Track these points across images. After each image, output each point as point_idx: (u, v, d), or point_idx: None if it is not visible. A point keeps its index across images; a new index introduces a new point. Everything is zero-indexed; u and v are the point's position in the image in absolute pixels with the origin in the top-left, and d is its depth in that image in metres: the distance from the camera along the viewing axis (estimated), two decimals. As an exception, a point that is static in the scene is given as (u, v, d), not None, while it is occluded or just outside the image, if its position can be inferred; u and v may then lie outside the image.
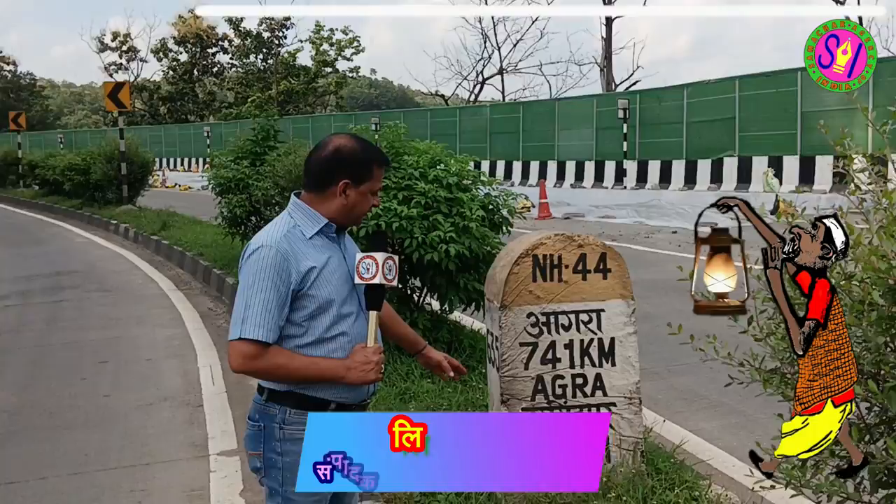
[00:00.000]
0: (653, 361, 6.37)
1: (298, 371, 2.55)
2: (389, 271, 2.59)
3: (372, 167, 2.66)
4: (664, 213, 19.81)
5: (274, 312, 2.51)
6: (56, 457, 5.41)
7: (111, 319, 9.66)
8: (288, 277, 2.52)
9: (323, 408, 2.59)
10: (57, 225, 21.40)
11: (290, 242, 2.57)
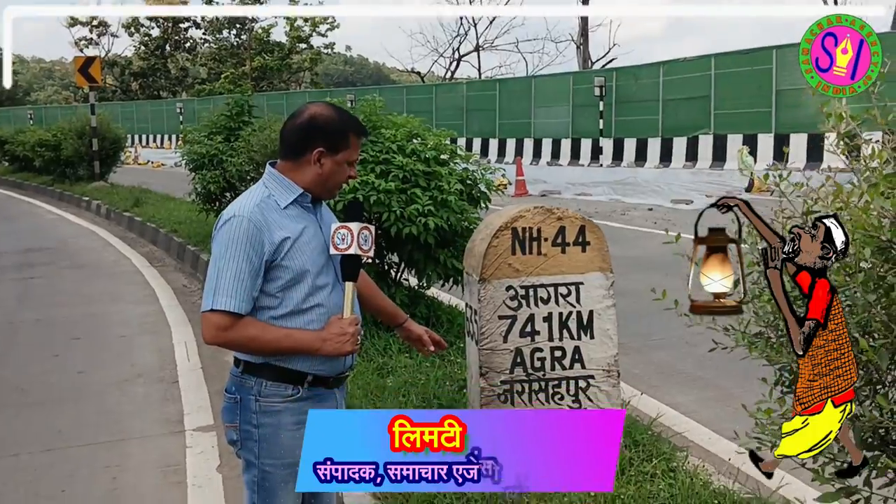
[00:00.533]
0: (630, 336, 6.39)
1: (272, 343, 2.51)
2: (365, 241, 2.55)
3: (348, 136, 2.60)
4: (640, 190, 19.89)
5: (246, 283, 2.47)
6: (29, 433, 5.35)
7: (84, 296, 9.55)
8: (261, 248, 2.48)
9: (300, 380, 2.56)
10: (27, 202, 21.11)
11: (263, 212, 2.52)
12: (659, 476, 3.81)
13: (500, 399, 3.95)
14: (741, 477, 3.89)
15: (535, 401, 3.98)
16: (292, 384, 2.56)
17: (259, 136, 9.42)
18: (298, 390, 2.56)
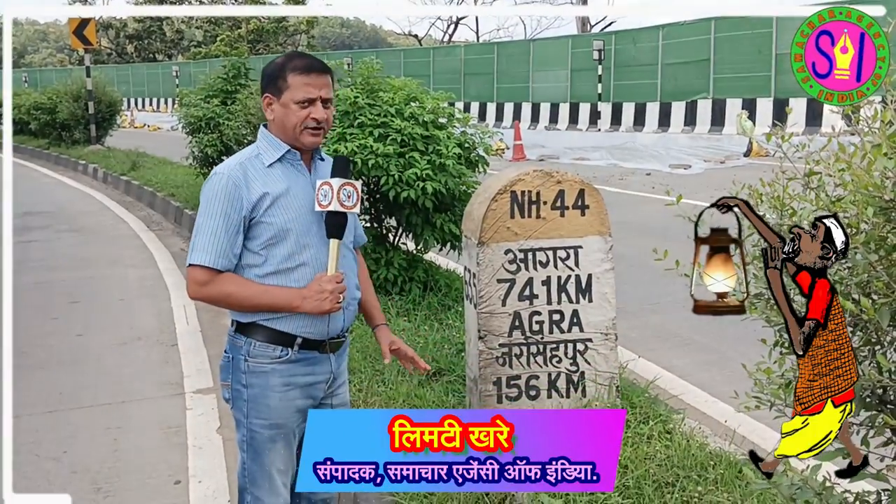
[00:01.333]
0: (626, 300, 6.41)
1: (250, 299, 2.52)
2: (348, 198, 2.52)
3: (286, 75, 2.55)
4: (638, 155, 19.84)
5: (222, 239, 2.48)
6: (29, 395, 5.38)
7: (82, 260, 9.56)
8: (239, 204, 2.49)
9: (289, 342, 2.56)
10: (23, 165, 21.02)
11: (244, 170, 2.54)
12: (655, 438, 3.85)
13: (498, 362, 3.97)
14: (737, 439, 3.93)
15: (533, 363, 4.01)
16: (281, 345, 2.57)
17: (256, 100, 9.36)
18: (287, 352, 2.57)
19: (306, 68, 2.56)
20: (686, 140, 22.55)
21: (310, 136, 2.58)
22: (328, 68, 2.61)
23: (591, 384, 4.08)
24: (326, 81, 2.58)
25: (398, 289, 6.22)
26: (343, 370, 2.77)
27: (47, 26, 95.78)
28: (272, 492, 2.64)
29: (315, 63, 2.59)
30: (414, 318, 5.82)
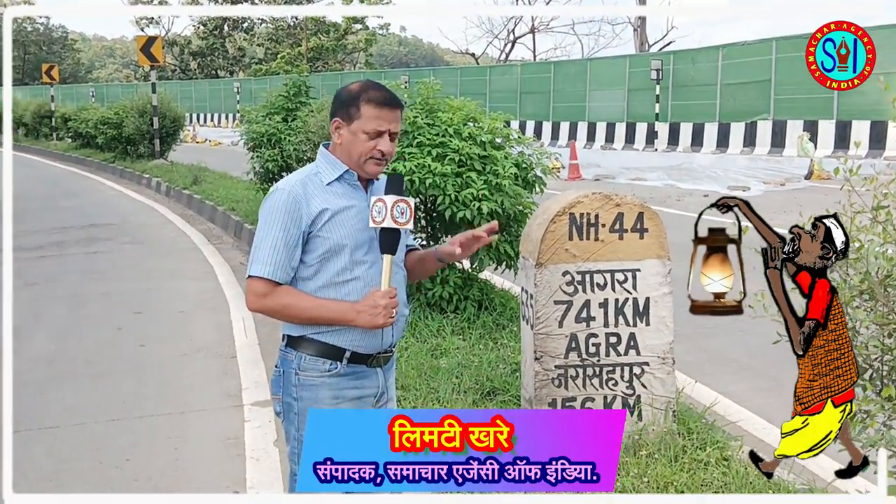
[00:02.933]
0: (683, 324, 6.34)
1: (306, 311, 2.58)
2: (402, 214, 2.57)
3: (359, 104, 2.61)
4: (696, 175, 19.62)
5: (281, 252, 2.57)
6: (94, 404, 5.53)
7: (144, 271, 9.79)
8: (299, 219, 2.58)
9: (338, 356, 2.62)
10: (90, 178, 21.61)
11: (305, 187, 2.63)
12: (713, 464, 3.81)
13: (553, 384, 3.98)
14: (796, 468, 3.87)
15: (588, 386, 4.01)
16: (330, 359, 2.62)
17: (316, 118, 9.53)
18: (336, 366, 2.62)
19: (380, 101, 2.62)
20: (745, 161, 22.23)
21: (374, 166, 2.65)
22: (400, 103, 2.67)
23: (648, 408, 4.06)
24: (397, 116, 2.65)
25: (453, 307, 6.26)
26: (391, 385, 2.80)
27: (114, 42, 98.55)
28: None
29: (389, 97, 2.64)
30: (469, 336, 5.85)
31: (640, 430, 4.02)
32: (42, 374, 6.15)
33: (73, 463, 4.63)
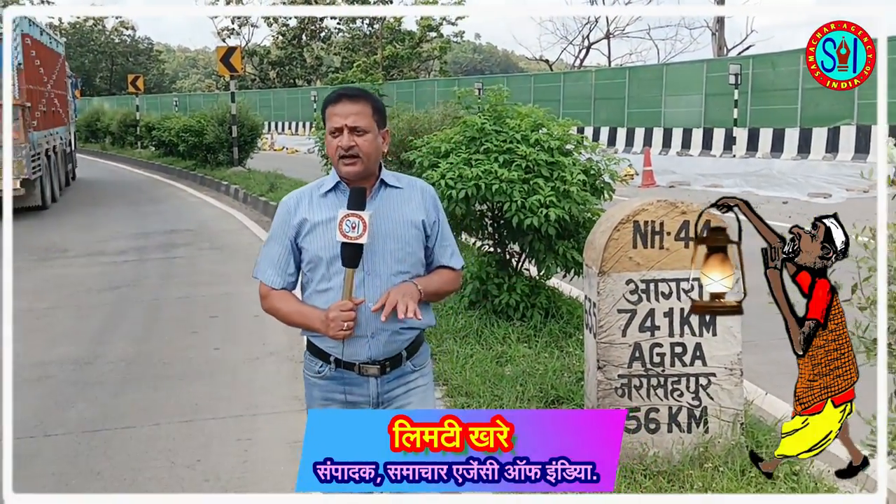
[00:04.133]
0: (754, 334, 6.20)
1: (289, 315, 2.75)
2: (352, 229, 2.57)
3: (325, 109, 2.71)
4: (775, 182, 19.13)
5: (274, 259, 2.74)
6: (169, 405, 5.70)
7: (221, 276, 10.04)
8: (288, 229, 2.72)
9: (326, 358, 2.73)
10: (171, 185, 22.26)
11: (300, 197, 2.75)
12: (781, 479, 3.72)
13: (617, 393, 3.94)
14: (869, 484, 3.74)
15: (653, 396, 3.95)
16: (321, 361, 2.75)
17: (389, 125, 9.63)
18: (325, 368, 2.74)
19: (335, 98, 2.70)
20: (827, 168, 21.58)
21: (343, 166, 2.67)
22: (364, 96, 2.69)
23: (714, 420, 3.98)
24: (355, 109, 2.65)
25: (520, 314, 6.25)
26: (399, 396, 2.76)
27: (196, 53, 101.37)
28: None
29: (344, 92, 2.71)
30: (535, 344, 5.83)
31: (707, 443, 3.95)
32: (121, 375, 6.36)
33: (149, 462, 4.78)
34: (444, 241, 2.84)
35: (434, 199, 2.83)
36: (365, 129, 2.65)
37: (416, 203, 2.77)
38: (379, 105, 2.73)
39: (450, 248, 2.87)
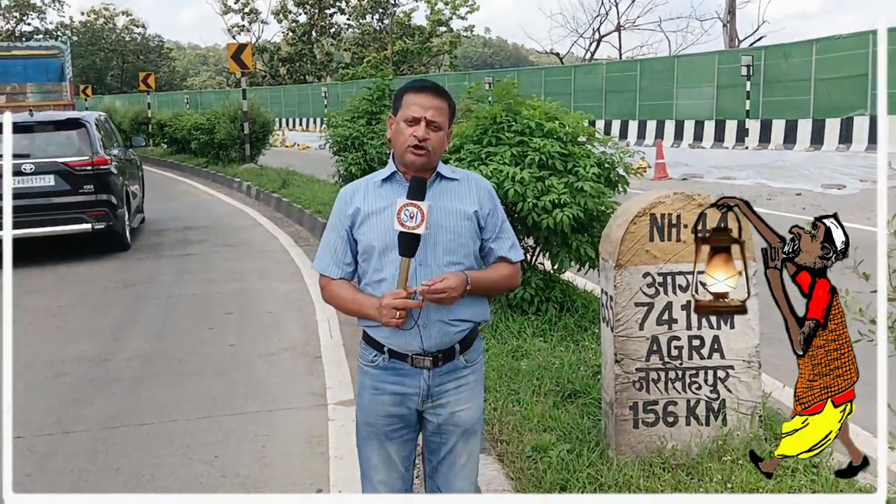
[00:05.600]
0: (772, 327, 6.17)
1: (346, 304, 2.78)
2: (410, 218, 2.58)
3: (403, 95, 2.73)
4: (788, 174, 19.03)
5: (332, 249, 2.79)
6: (186, 401, 5.72)
7: (235, 273, 10.07)
8: (344, 219, 2.76)
9: (380, 348, 2.76)
10: (184, 182, 22.34)
11: (356, 188, 2.79)
12: (801, 471, 3.70)
13: (634, 387, 3.93)
14: (890, 476, 3.72)
15: (671, 389, 3.94)
16: (375, 350, 2.78)
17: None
18: (378, 358, 2.77)
19: (419, 87, 2.72)
20: (841, 159, 21.43)
21: (411, 154, 2.68)
22: (444, 94, 2.73)
23: (733, 413, 3.97)
24: (437, 104, 2.69)
25: (534, 308, 6.24)
26: (450, 391, 2.79)
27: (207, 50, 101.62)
28: (368, 480, 2.89)
29: (429, 84, 2.74)
30: (550, 338, 5.83)
31: (725, 436, 3.94)
32: (137, 372, 6.39)
33: (166, 458, 4.80)
34: (501, 233, 2.84)
35: (490, 191, 2.85)
36: (440, 125, 2.70)
37: (471, 195, 2.79)
38: (454, 105, 2.79)
39: (509, 240, 2.86)
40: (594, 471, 3.83)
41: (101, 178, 10.94)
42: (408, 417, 2.81)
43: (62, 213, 10.74)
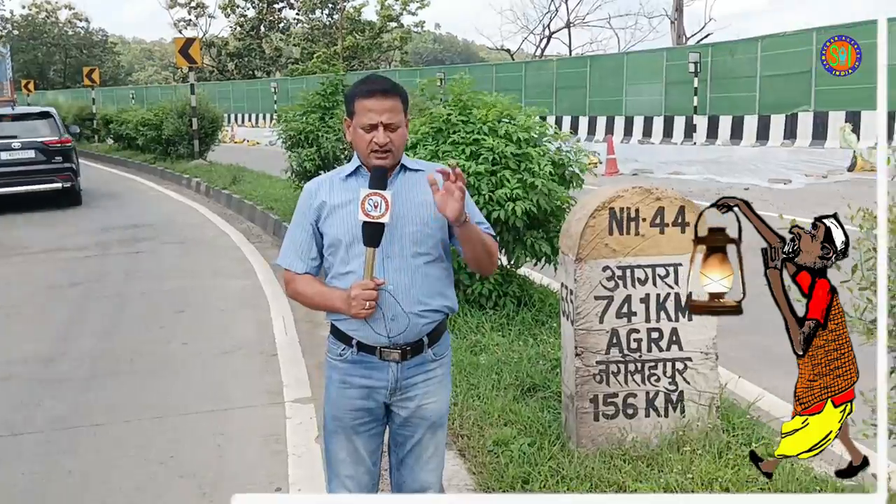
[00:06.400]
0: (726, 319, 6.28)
1: (311, 299, 2.78)
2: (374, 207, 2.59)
3: (355, 100, 2.70)
4: (735, 169, 19.36)
5: (297, 244, 2.77)
6: (138, 401, 5.61)
7: (186, 270, 9.91)
8: (309, 213, 2.75)
9: (348, 342, 2.75)
10: (131, 179, 21.92)
11: (321, 183, 2.79)
12: (757, 461, 3.75)
13: (595, 379, 3.96)
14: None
15: (630, 382, 3.97)
16: (343, 344, 2.77)
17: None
18: (347, 351, 2.76)
19: (369, 92, 2.67)
20: (786, 154, 21.88)
21: (376, 159, 2.68)
22: (395, 91, 2.68)
23: (691, 404, 4.01)
24: (389, 105, 2.65)
25: (492, 303, 6.25)
26: (418, 384, 2.79)
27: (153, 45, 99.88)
28: (336, 475, 2.86)
29: (377, 87, 2.68)
30: (508, 333, 5.84)
31: (684, 427, 3.98)
32: (87, 372, 6.25)
33: (120, 459, 4.70)
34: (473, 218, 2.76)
35: None
36: (397, 124, 2.68)
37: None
38: (406, 96, 2.74)
39: (482, 223, 2.81)
40: (555, 464, 3.84)
41: (66, 152, 15.92)
42: (375, 411, 2.80)
43: (40, 176, 15.47)
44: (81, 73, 36.37)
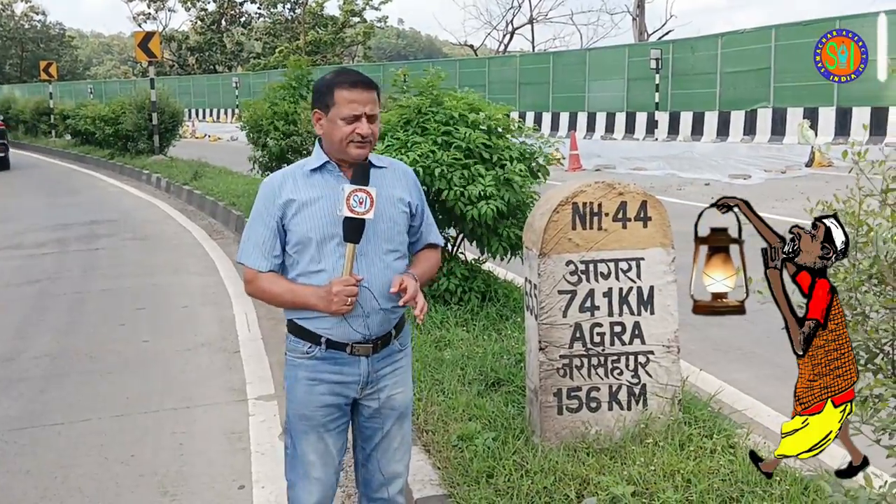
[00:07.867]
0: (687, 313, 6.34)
1: (280, 296, 2.72)
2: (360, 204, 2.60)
3: (334, 91, 2.66)
4: (696, 164, 19.59)
5: (261, 242, 2.70)
6: (98, 400, 5.53)
7: (147, 267, 9.79)
8: (274, 209, 2.68)
9: (316, 340, 2.71)
10: (90, 175, 21.59)
11: (285, 178, 2.72)
12: (719, 452, 3.80)
13: (559, 373, 3.97)
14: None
15: (594, 375, 4.00)
16: (310, 342, 2.72)
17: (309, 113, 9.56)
18: (314, 349, 2.72)
19: (351, 83, 2.66)
20: (746, 150, 22.20)
21: (356, 149, 2.67)
22: (374, 84, 2.70)
23: (653, 397, 4.05)
24: (371, 98, 2.67)
25: (457, 299, 6.24)
26: (387, 375, 2.81)
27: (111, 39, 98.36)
28: (305, 477, 2.83)
29: (360, 79, 2.69)
30: (473, 328, 5.85)
31: (647, 419, 4.02)
32: (45, 371, 6.14)
33: (80, 458, 4.62)
34: (428, 220, 2.93)
35: (415, 179, 2.90)
36: (377, 116, 2.70)
37: (402, 182, 2.81)
38: (380, 89, 2.75)
39: (433, 226, 2.95)
40: (520, 458, 3.85)
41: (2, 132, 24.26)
42: (344, 407, 2.79)
43: None
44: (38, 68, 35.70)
